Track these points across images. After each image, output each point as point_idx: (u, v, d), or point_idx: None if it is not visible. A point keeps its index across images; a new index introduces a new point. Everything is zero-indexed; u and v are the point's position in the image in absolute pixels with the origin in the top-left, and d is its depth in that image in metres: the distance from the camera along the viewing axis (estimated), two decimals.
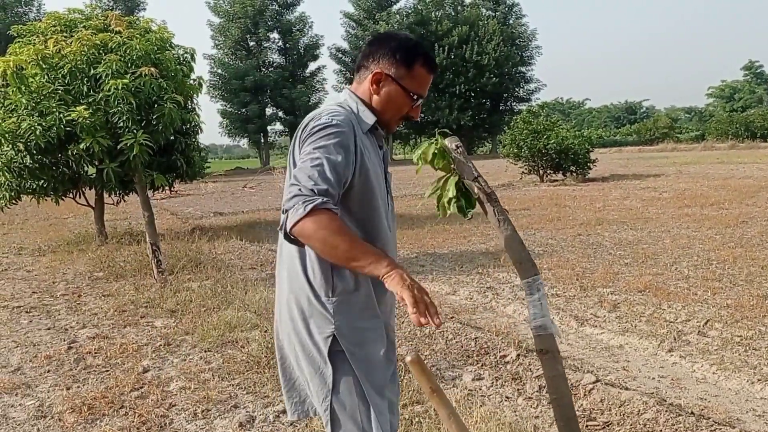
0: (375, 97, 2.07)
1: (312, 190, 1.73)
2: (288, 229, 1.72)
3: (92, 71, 7.41)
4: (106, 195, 10.29)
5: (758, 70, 77.81)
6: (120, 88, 6.93)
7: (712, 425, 3.15)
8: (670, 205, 12.34)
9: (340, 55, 57.09)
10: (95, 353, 4.74)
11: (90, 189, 9.92)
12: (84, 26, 8.54)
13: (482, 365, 4.22)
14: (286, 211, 1.74)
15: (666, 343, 4.52)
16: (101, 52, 7.54)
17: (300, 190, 1.74)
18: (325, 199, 1.72)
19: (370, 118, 2.05)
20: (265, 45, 54.07)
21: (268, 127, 55.24)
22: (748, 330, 4.68)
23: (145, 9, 51.06)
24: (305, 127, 1.96)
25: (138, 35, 7.66)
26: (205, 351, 4.70)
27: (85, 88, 7.47)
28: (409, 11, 57.27)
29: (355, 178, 1.90)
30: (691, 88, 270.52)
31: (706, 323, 4.91)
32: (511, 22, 60.65)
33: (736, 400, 3.64)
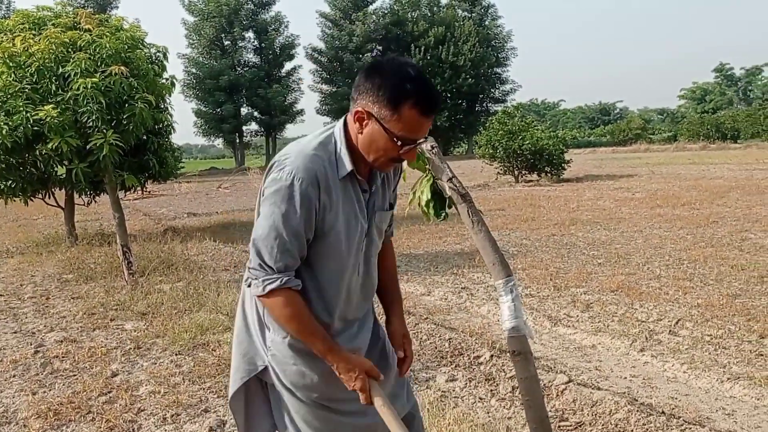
0: (359, 136, 1.80)
1: (272, 267, 1.77)
2: (253, 295, 1.86)
3: (61, 70, 7.27)
4: (76, 195, 10.12)
5: (728, 72, 79.18)
6: (89, 87, 6.81)
7: (682, 424, 3.17)
8: (642, 206, 12.48)
9: (316, 55, 56.86)
10: (63, 357, 4.65)
11: (60, 189, 9.75)
12: (53, 24, 8.39)
13: (456, 366, 4.21)
14: (248, 279, 1.82)
15: (638, 343, 4.56)
16: (70, 50, 7.40)
17: (260, 264, 1.78)
18: (284, 278, 1.77)
19: (346, 167, 1.82)
20: (240, 44, 53.64)
21: (243, 127, 54.79)
22: (718, 329, 4.74)
23: (117, 7, 50.44)
24: (269, 173, 1.83)
25: (108, 33, 7.54)
26: (176, 354, 4.63)
27: (54, 87, 7.32)
28: (386, 12, 57.29)
29: (315, 232, 1.82)
30: (664, 90, 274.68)
31: (677, 323, 4.96)
32: (486, 23, 60.94)
33: (706, 398, 3.67)
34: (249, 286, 1.84)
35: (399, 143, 1.76)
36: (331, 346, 1.84)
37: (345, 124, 1.87)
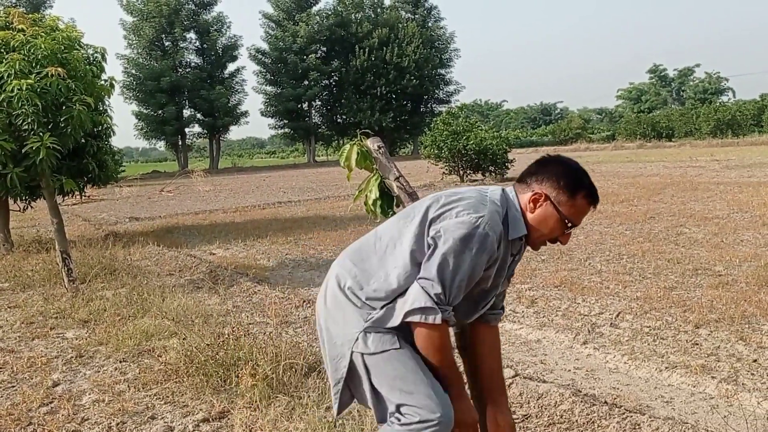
0: (529, 214, 2.10)
1: (447, 301, 1.97)
2: (403, 319, 1.99)
3: None
4: (11, 201, 9.77)
5: (662, 73, 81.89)
6: (24, 88, 6.57)
7: (623, 413, 3.28)
8: None
9: (260, 56, 56.25)
10: (0, 368, 4.49)
11: None
12: None
13: None
14: (421, 308, 1.95)
15: (581, 336, 4.69)
16: (2, 51, 7.13)
17: (440, 296, 1.94)
18: (446, 313, 1.97)
19: (520, 231, 2.09)
20: (181, 45, 52.59)
21: (186, 129, 53.81)
22: (656, 321, 4.91)
23: (51, 7, 48.75)
24: (450, 207, 2.02)
25: (43, 34, 7.30)
26: (120, 361, 4.53)
27: None
28: (329, 13, 57.17)
29: None
30: (602, 90, 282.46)
31: (617, 315, 5.12)
32: (430, 24, 61.48)
33: (646, 387, 3.81)
34: (412, 314, 1.98)
35: (568, 224, 2.09)
36: (462, 385, 2.13)
37: (516, 196, 2.14)
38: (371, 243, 2.19)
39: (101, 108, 8.87)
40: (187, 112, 53.60)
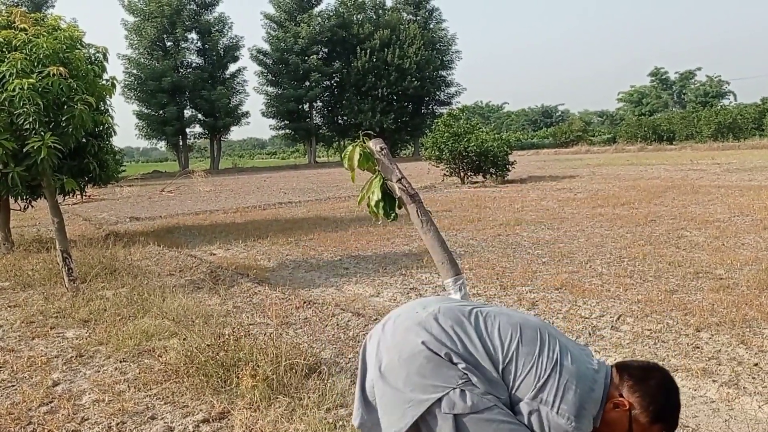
0: (604, 413, 2.03)
1: None
2: None
3: None
4: (11, 200, 9.76)
5: (663, 76, 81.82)
6: (26, 88, 6.58)
7: None
8: (584, 206, 12.81)
9: (261, 57, 56.27)
10: (0, 367, 4.48)
11: None
12: None
13: None
14: None
15: (581, 339, 4.68)
16: (5, 50, 7.14)
17: None
18: None
19: (593, 425, 2.01)
20: (182, 45, 52.61)
21: (187, 130, 53.84)
22: (657, 324, 4.91)
23: (53, 6, 48.80)
24: (556, 388, 1.97)
25: (45, 33, 7.30)
26: (120, 361, 4.52)
27: None
28: (331, 14, 57.19)
29: None
30: (603, 92, 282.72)
31: (618, 318, 5.11)
32: (431, 26, 61.48)
33: None
34: None
35: None
36: None
37: (611, 390, 2.06)
38: (484, 337, 2.10)
39: (102, 108, 8.88)
40: (188, 113, 53.64)
